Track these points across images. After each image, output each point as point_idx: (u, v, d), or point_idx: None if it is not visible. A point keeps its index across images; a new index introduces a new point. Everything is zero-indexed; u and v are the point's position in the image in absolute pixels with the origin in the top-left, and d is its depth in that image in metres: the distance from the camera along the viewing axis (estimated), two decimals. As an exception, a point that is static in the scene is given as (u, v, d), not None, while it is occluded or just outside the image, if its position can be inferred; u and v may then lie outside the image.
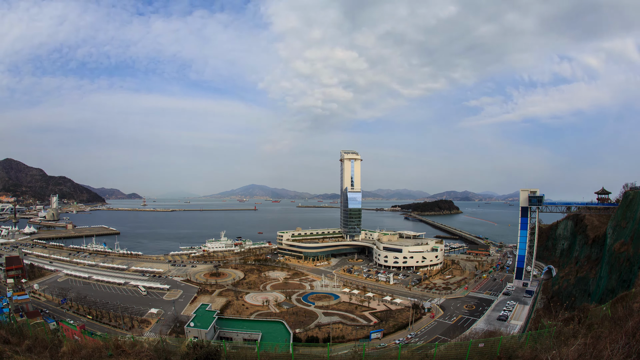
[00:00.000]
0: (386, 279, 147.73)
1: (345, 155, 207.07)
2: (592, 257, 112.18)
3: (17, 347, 16.93)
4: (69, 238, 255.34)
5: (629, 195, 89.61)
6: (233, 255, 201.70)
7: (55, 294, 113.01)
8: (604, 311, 28.10)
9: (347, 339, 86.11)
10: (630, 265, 71.96)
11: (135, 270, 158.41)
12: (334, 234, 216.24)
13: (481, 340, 20.64)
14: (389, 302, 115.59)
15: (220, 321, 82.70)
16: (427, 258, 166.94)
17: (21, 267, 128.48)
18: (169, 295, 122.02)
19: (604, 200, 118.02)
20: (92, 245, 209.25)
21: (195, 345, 17.82)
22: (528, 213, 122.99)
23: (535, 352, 16.03)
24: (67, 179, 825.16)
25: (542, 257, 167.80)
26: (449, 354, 19.75)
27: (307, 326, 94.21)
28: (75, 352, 16.96)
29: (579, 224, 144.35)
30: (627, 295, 36.04)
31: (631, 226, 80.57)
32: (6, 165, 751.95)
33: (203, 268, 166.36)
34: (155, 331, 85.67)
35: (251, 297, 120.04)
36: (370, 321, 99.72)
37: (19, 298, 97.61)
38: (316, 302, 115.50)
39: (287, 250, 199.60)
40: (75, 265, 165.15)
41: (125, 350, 17.28)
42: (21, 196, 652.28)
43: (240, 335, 75.47)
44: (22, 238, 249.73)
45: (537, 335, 21.43)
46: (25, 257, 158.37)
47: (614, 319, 21.85)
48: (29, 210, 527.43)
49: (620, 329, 16.12)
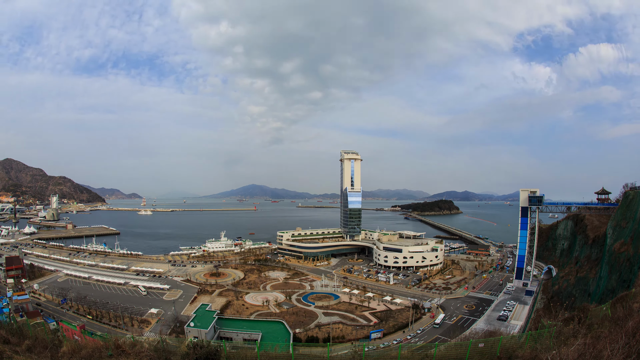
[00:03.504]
0: (386, 279, 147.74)
1: (345, 155, 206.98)
2: (592, 257, 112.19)
3: (17, 347, 16.95)
4: (69, 238, 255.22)
5: (629, 195, 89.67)
6: (233, 255, 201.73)
7: (55, 294, 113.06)
8: (604, 311, 28.08)
9: (347, 339, 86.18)
10: (630, 265, 71.99)
11: (135, 270, 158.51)
12: (334, 234, 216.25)
13: (481, 340, 20.62)
14: (389, 302, 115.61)
15: (220, 321, 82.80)
16: (427, 258, 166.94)
17: (21, 267, 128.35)
18: (169, 295, 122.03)
19: (604, 200, 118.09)
20: (92, 245, 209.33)
21: (195, 345, 17.80)
22: (528, 213, 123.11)
23: (535, 352, 16.03)
24: (67, 179, 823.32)
25: (542, 257, 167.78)
26: (449, 354, 19.73)
27: (307, 326, 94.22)
28: (75, 352, 16.97)
29: (579, 224, 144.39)
30: (627, 295, 36.04)
31: (631, 226, 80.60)
32: (6, 165, 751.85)
33: (203, 268, 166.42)
34: (155, 331, 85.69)
35: (251, 297, 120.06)
36: (370, 321, 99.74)
37: (19, 298, 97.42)
38: (316, 302, 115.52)
39: (287, 250, 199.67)
40: (75, 265, 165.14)
41: (125, 350, 17.28)
42: (21, 196, 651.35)
43: (240, 335, 75.55)
44: (22, 238, 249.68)
45: (537, 335, 21.41)
46: (25, 257, 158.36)
47: (614, 319, 21.87)
48: (29, 210, 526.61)
49: (620, 329, 16.12)
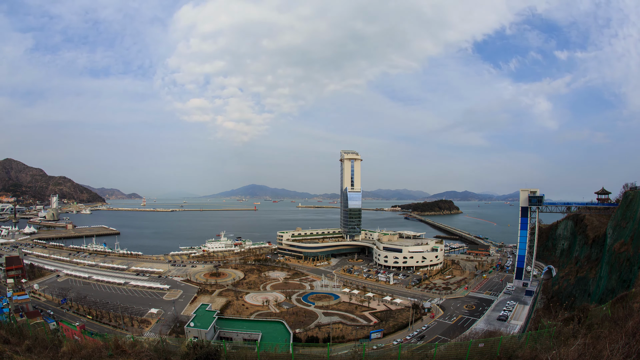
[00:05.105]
0: (386, 279, 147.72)
1: (345, 155, 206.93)
2: (592, 257, 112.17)
3: (17, 347, 16.94)
4: (69, 238, 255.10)
5: (629, 195, 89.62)
6: (233, 255, 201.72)
7: (55, 294, 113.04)
8: (604, 311, 28.09)
9: (347, 339, 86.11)
10: (630, 265, 71.94)
11: (135, 270, 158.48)
12: (334, 234, 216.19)
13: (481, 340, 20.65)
14: (389, 302, 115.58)
15: (220, 321, 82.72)
16: (427, 258, 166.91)
17: (21, 267, 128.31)
18: (169, 295, 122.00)
19: (604, 200, 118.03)
20: (92, 245, 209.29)
21: (195, 345, 17.82)
22: (528, 213, 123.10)
23: (535, 352, 16.04)
24: (67, 179, 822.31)
25: (542, 257, 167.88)
26: (449, 354, 19.74)
27: (307, 326, 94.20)
28: (75, 352, 16.96)
29: (579, 224, 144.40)
30: (627, 295, 36.05)
31: (631, 226, 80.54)
32: (6, 165, 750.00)
33: (203, 268, 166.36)
34: (155, 331, 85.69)
35: (251, 297, 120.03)
36: (370, 321, 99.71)
37: (19, 298, 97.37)
38: (316, 302, 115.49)
39: (287, 250, 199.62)
40: (75, 265, 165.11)
41: (125, 350, 17.29)
42: (21, 196, 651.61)
43: (240, 335, 75.47)
44: (22, 238, 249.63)
45: (537, 335, 21.44)
46: (25, 257, 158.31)
47: (613, 319, 21.87)
48: (29, 210, 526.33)
49: (620, 329, 16.14)
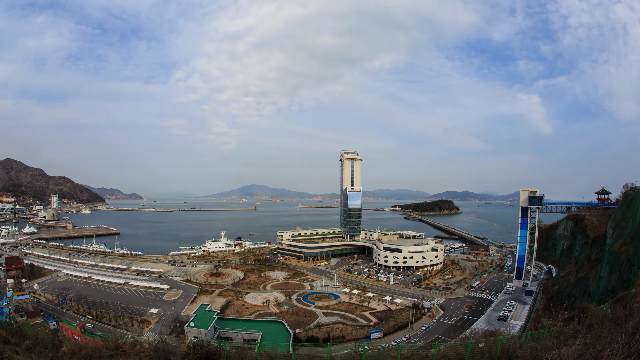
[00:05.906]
0: (386, 279, 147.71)
1: (345, 155, 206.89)
2: (592, 257, 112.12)
3: (17, 347, 16.94)
4: (69, 238, 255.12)
5: (629, 195, 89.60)
6: (233, 255, 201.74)
7: (55, 294, 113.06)
8: (604, 311, 28.06)
9: (347, 339, 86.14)
10: (630, 265, 71.95)
11: (135, 270, 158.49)
12: (334, 234, 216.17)
13: (481, 340, 20.64)
14: (389, 302, 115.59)
15: (220, 321, 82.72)
16: (427, 258, 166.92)
17: (21, 267, 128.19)
18: (169, 295, 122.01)
19: (604, 200, 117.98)
20: (92, 246, 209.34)
21: (195, 345, 17.82)
22: (528, 213, 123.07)
23: (535, 352, 16.04)
24: (67, 179, 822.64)
25: (542, 257, 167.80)
26: (449, 354, 19.74)
27: (307, 326, 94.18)
28: (75, 352, 16.97)
29: (579, 224, 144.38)
30: (627, 295, 36.04)
31: (631, 226, 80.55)
32: (6, 165, 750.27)
33: (203, 268, 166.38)
34: (155, 331, 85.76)
35: (251, 297, 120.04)
36: (370, 321, 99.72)
37: (19, 298, 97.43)
38: (316, 302, 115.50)
39: (287, 250, 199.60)
40: (75, 265, 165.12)
41: (125, 350, 17.29)
42: (21, 196, 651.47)
43: (240, 335, 75.47)
44: (22, 238, 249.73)
45: (537, 335, 21.42)
46: (25, 257, 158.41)
47: (614, 319, 21.85)
48: (29, 210, 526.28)
49: (620, 329, 16.13)
